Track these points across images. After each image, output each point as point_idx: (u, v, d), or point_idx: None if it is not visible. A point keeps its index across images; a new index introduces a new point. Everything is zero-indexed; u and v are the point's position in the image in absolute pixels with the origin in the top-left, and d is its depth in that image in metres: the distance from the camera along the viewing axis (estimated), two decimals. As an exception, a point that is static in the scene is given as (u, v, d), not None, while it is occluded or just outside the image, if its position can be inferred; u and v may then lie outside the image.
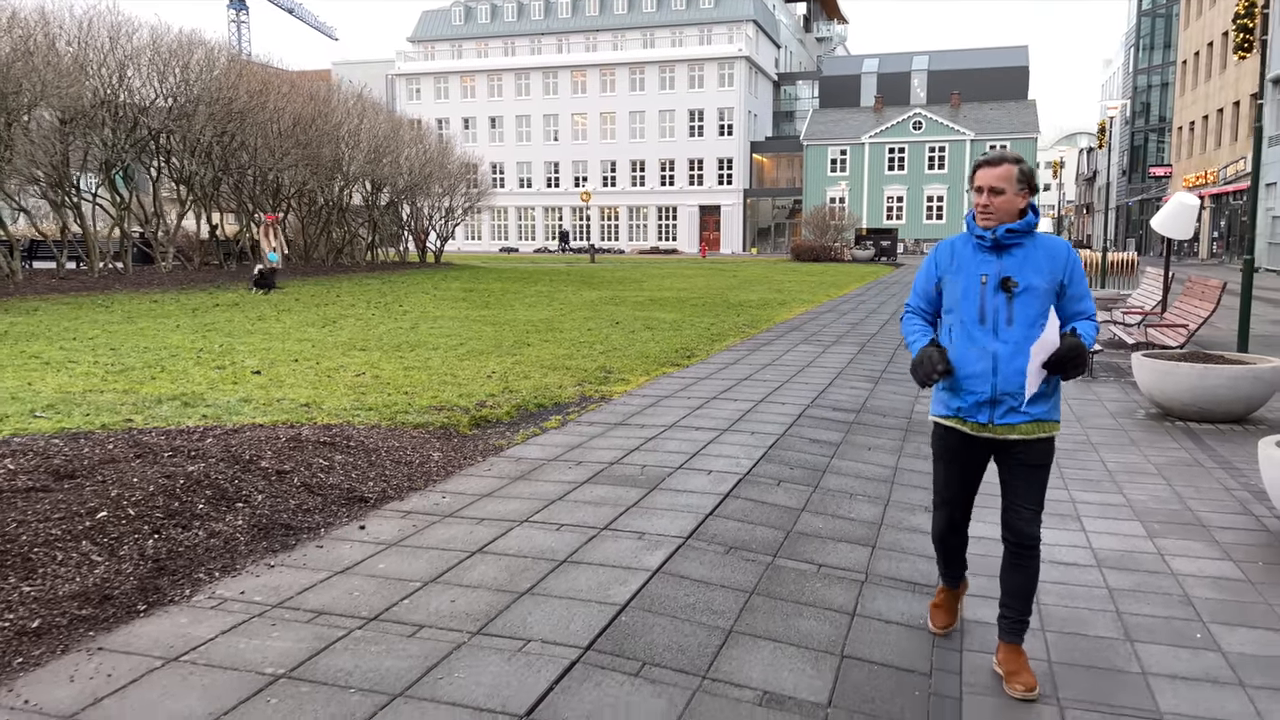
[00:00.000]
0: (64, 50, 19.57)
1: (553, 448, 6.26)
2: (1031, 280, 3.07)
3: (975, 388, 3.14)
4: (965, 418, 3.20)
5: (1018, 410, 3.12)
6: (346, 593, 3.69)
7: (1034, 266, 3.08)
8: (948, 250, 3.23)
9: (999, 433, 3.15)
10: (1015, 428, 3.13)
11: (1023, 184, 3.07)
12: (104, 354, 10.04)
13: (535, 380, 8.83)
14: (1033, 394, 3.11)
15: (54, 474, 4.56)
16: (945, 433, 3.31)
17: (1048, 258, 3.10)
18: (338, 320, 14.24)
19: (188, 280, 22.25)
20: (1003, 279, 3.08)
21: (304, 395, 7.56)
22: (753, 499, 5.17)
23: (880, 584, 4.12)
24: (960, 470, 3.31)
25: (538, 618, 3.47)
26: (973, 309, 3.12)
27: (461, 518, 4.70)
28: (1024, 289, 3.06)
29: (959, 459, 3.29)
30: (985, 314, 3.11)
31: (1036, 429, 3.14)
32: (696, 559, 4.18)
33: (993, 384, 3.11)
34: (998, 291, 3.09)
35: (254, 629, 3.34)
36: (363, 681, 2.96)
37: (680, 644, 3.34)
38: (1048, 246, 3.12)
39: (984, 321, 3.11)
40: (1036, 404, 3.13)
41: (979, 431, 3.18)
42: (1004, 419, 3.13)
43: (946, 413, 3.26)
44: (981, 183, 3.09)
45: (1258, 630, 3.71)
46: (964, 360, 3.15)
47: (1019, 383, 3.09)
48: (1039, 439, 3.15)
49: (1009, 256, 3.10)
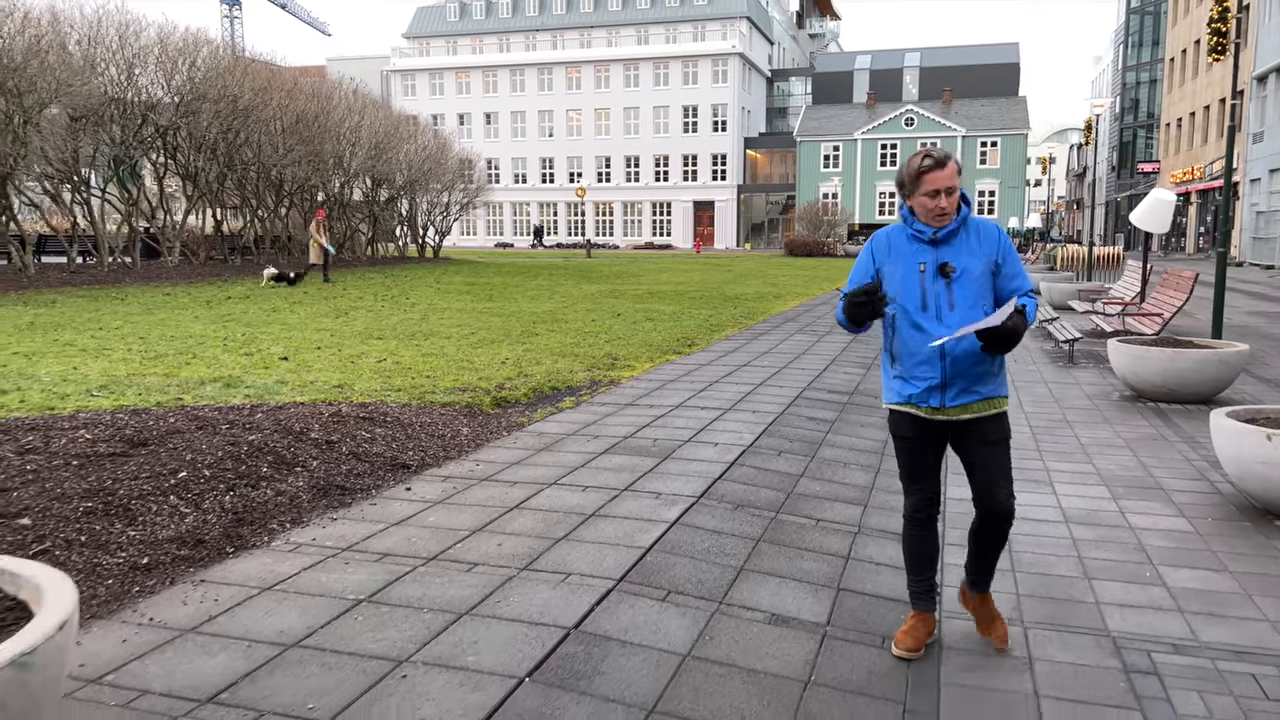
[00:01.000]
0: (74, 49, 19.98)
1: (570, 424, 6.79)
2: (967, 264, 3.14)
3: (925, 374, 3.19)
4: (918, 403, 3.24)
5: (967, 390, 3.19)
6: (405, 539, 4.21)
7: (968, 250, 3.15)
8: (884, 241, 3.28)
9: (952, 414, 3.21)
10: (967, 407, 3.20)
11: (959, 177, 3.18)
12: (134, 342, 10.53)
13: (547, 366, 9.35)
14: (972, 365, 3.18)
15: (128, 442, 5.07)
16: (900, 419, 3.35)
17: (980, 240, 3.17)
18: (349, 312, 14.74)
19: (194, 274, 22.69)
20: (940, 264, 3.14)
21: (334, 378, 8.08)
22: (756, 467, 5.70)
23: (871, 535, 4.66)
24: (921, 453, 3.35)
25: (575, 557, 4.00)
26: (914, 297, 3.16)
27: (496, 481, 5.22)
28: (961, 273, 3.13)
29: (918, 442, 3.33)
30: (927, 301, 3.15)
31: (987, 405, 3.21)
32: (708, 514, 4.71)
33: (942, 368, 3.17)
34: (937, 278, 3.14)
35: (330, 567, 3.86)
36: (432, 604, 3.49)
37: (699, 578, 3.88)
38: (979, 230, 3.19)
39: (926, 308, 3.15)
40: (984, 382, 3.21)
41: (932, 415, 3.23)
42: (955, 400, 3.19)
43: (899, 400, 3.30)
44: (938, 185, 3.10)
45: (1200, 570, 4.26)
46: (912, 348, 3.19)
47: (967, 362, 3.16)
48: (992, 415, 3.22)
49: (946, 245, 3.17)
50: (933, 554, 3.47)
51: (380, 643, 3.17)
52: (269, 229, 27.84)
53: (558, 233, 70.46)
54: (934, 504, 3.43)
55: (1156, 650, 3.44)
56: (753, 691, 3.01)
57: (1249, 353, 8.42)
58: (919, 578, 3.47)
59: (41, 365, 8.62)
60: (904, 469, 3.43)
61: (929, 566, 3.47)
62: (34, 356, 9.26)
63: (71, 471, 4.51)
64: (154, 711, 2.71)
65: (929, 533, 3.44)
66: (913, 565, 3.47)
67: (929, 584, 3.47)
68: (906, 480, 3.43)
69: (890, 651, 3.39)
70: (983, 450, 3.22)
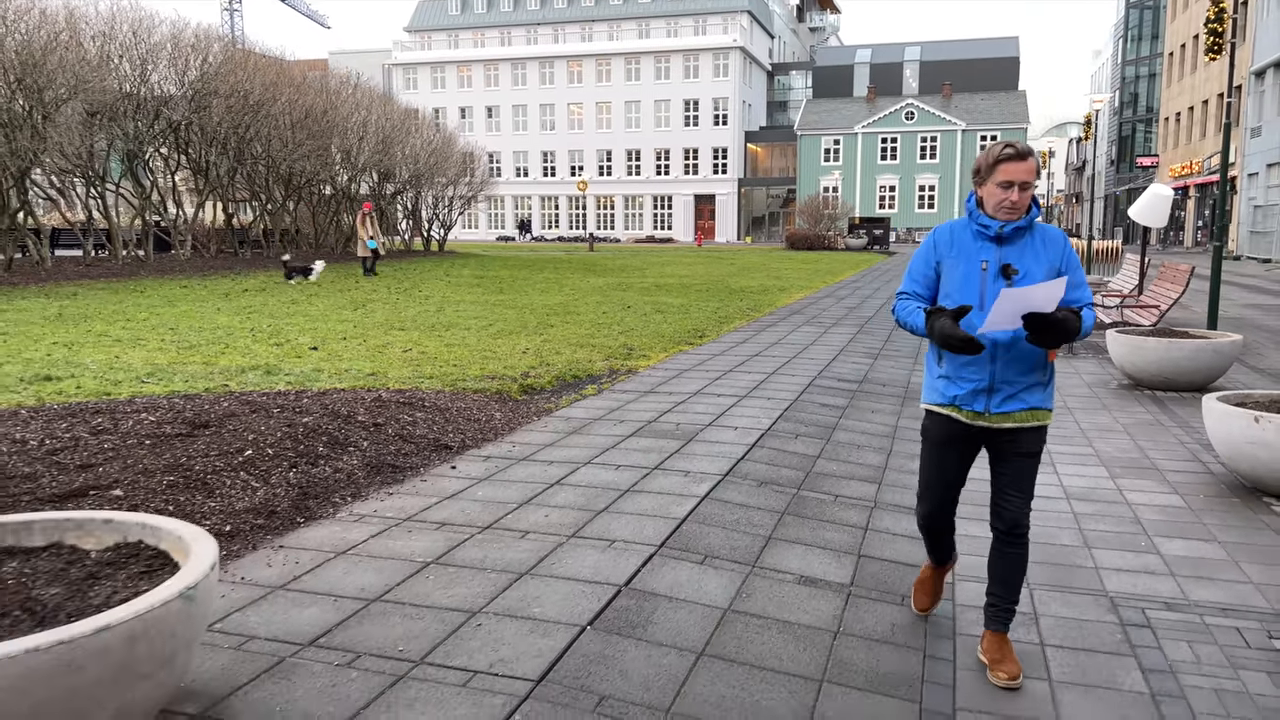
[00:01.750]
0: (88, 45, 20.28)
1: (596, 410, 7.14)
2: (1031, 268, 3.05)
3: (973, 375, 3.11)
4: (961, 406, 3.15)
5: (1014, 397, 3.10)
6: (459, 511, 4.57)
7: (1033, 254, 3.06)
8: (947, 234, 3.19)
9: (994, 421, 3.12)
10: (1010, 415, 3.11)
11: (1037, 177, 3.05)
12: (165, 333, 10.88)
13: (566, 356, 9.70)
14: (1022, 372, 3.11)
15: (190, 424, 5.43)
16: (938, 421, 3.27)
17: (1046, 246, 3.08)
18: (366, 304, 15.08)
19: (207, 267, 23.01)
20: (1003, 265, 3.05)
21: (366, 366, 8.43)
22: (775, 448, 6.06)
23: (886, 509, 5.02)
24: (952, 459, 3.28)
25: (617, 526, 4.36)
26: (972, 296, 3.08)
27: (534, 461, 5.58)
28: (1024, 276, 3.04)
29: (952, 448, 3.26)
30: (985, 301, 3.06)
31: (1031, 417, 3.12)
32: (735, 490, 5.07)
33: (991, 371, 3.09)
34: (998, 278, 3.06)
35: (395, 534, 4.22)
36: (494, 565, 3.85)
37: (732, 545, 4.24)
38: (1045, 235, 3.11)
39: (984, 308, 3.06)
40: (1033, 392, 3.12)
41: (974, 420, 3.14)
42: (1000, 407, 3.10)
43: (942, 401, 3.22)
44: (1014, 177, 2.99)
45: (1191, 540, 4.62)
46: None
47: (1016, 370, 3.09)
48: (1033, 427, 3.14)
49: (1009, 245, 3.08)
50: (949, 532, 3.53)
51: (453, 597, 3.52)
52: (278, 223, 28.14)
53: (559, 226, 70.77)
54: (948, 514, 3.41)
55: (1150, 608, 3.80)
56: (788, 639, 3.37)
57: (1242, 343, 8.77)
58: (937, 549, 3.58)
59: (84, 354, 8.97)
60: (927, 473, 3.35)
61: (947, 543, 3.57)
62: (73, 346, 9.60)
63: (146, 450, 4.87)
64: (263, 653, 3.07)
65: (947, 526, 3.47)
66: (932, 547, 3.58)
67: (948, 549, 3.58)
68: (926, 485, 3.36)
69: (911, 608, 3.68)
70: (1015, 462, 3.16)
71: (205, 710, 2.71)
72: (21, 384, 7.10)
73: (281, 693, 2.82)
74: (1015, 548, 3.21)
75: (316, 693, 2.82)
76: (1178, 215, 48.07)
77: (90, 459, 4.65)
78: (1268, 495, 5.38)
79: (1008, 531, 3.19)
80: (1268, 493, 5.38)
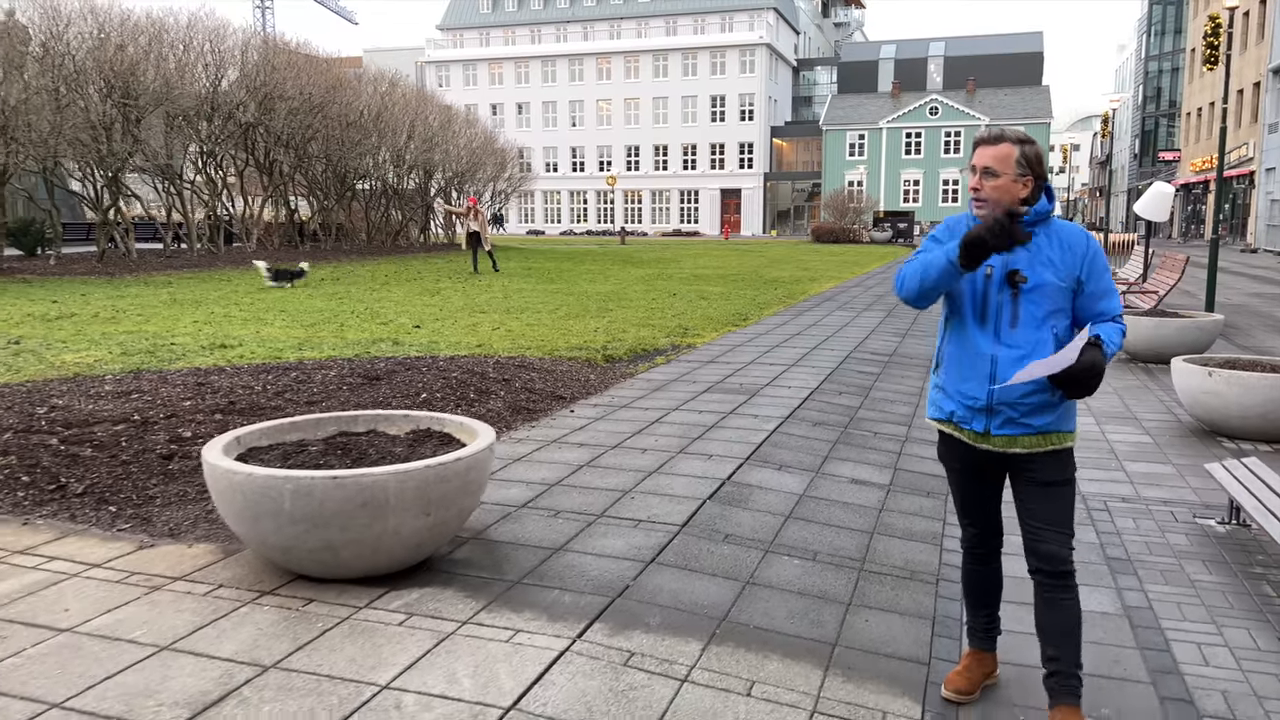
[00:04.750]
0: (168, 55, 21.94)
1: (670, 374, 8.59)
2: (1043, 276, 2.66)
3: (970, 392, 2.78)
4: (960, 424, 2.83)
5: (1016, 422, 2.73)
6: (590, 436, 6.03)
7: (1046, 259, 2.68)
8: (951, 228, 2.86)
9: (997, 445, 2.77)
10: (1015, 440, 2.75)
11: (1024, 168, 2.66)
12: (278, 314, 12.44)
13: (633, 334, 11.15)
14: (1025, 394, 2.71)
15: (365, 377, 6.92)
16: (945, 439, 2.96)
17: (1063, 250, 2.69)
18: (439, 292, 16.61)
19: (273, 259, 24.66)
20: (1009, 272, 2.69)
21: (471, 340, 9.92)
22: (824, 401, 7.49)
23: (915, 441, 6.44)
24: (968, 482, 2.94)
25: (711, 447, 5.81)
26: (975, 304, 2.75)
27: (633, 407, 7.04)
28: (1033, 286, 2.67)
29: (965, 469, 2.93)
30: (987, 311, 2.73)
31: (1042, 442, 2.74)
32: (795, 428, 6.50)
33: (989, 391, 2.74)
34: (1003, 287, 2.70)
35: (550, 450, 5.69)
36: (630, 467, 5.31)
37: (799, 459, 5.67)
38: (1064, 236, 2.71)
39: (985, 321, 2.73)
40: (1041, 413, 2.72)
41: (977, 441, 2.81)
42: (1002, 430, 2.75)
43: (940, 416, 2.91)
44: (976, 161, 2.71)
45: (1151, 464, 6.01)
46: (958, 363, 2.81)
47: (1018, 392, 2.71)
48: (1048, 452, 2.75)
49: (1019, 248, 2.69)
50: (993, 589, 3.07)
51: (608, 483, 4.99)
52: (334, 218, 29.79)
53: (588, 220, 72.26)
54: (992, 539, 3.03)
55: (1110, 500, 5.21)
56: (847, 512, 4.80)
57: (1223, 322, 10.09)
58: (976, 614, 3.09)
59: (229, 329, 10.52)
60: (956, 497, 3.03)
61: (989, 602, 3.07)
62: (212, 324, 11.17)
63: (346, 392, 6.37)
64: (494, 511, 4.53)
65: (988, 567, 3.05)
66: (970, 599, 3.10)
67: (988, 621, 3.09)
68: (959, 512, 3.05)
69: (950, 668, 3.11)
70: (1035, 491, 2.76)
71: (475, 535, 4.18)
72: (204, 350, 8.65)
73: (516, 529, 4.29)
74: (1062, 592, 2.73)
75: (539, 529, 4.28)
76: (1198, 209, 48.88)
77: (312, 397, 6.15)
78: (1219, 434, 6.75)
79: (1048, 571, 2.74)
80: (1219, 433, 6.75)
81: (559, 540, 4.14)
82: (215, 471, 3.49)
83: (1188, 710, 3.00)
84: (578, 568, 3.83)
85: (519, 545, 4.07)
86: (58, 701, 2.75)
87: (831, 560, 4.12)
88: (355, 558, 3.47)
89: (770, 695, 2.94)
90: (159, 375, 7.03)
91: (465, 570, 3.78)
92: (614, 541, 4.14)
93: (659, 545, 4.11)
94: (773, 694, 2.95)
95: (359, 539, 3.42)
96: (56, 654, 3.04)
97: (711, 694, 2.92)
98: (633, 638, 3.25)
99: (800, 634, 3.38)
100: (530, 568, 3.81)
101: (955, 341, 2.82)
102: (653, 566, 3.87)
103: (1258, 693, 3.11)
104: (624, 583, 3.69)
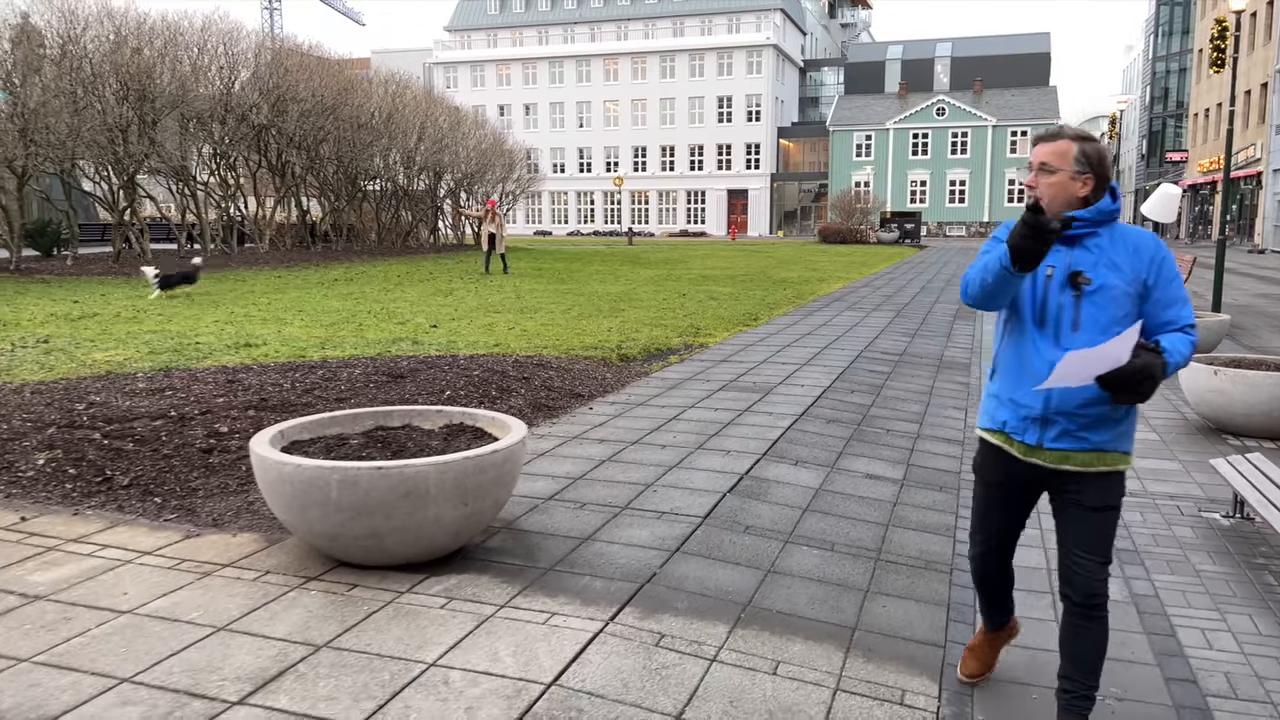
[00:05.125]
0: (183, 57, 22.18)
1: (684, 373, 8.76)
2: (1107, 278, 2.55)
3: (1026, 400, 2.65)
4: (1012, 435, 2.71)
5: (1073, 435, 2.60)
6: (610, 433, 6.20)
7: (1111, 262, 2.56)
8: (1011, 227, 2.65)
9: (1049, 460, 2.65)
10: (1070, 456, 2.62)
11: (1083, 166, 2.57)
12: (295, 314, 12.63)
13: (645, 333, 11.32)
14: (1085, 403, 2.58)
15: (389, 375, 7.10)
16: (988, 451, 2.82)
17: (1129, 253, 2.58)
18: (452, 292, 16.81)
19: (286, 259, 24.89)
20: (1072, 273, 2.58)
21: (488, 339, 10.10)
22: (836, 399, 7.65)
23: (927, 439, 6.60)
24: (1002, 499, 2.84)
25: (729, 444, 5.98)
26: (1032, 306, 2.63)
27: (650, 405, 7.20)
28: (1097, 288, 2.55)
29: (1003, 485, 2.81)
30: (1047, 315, 2.61)
31: (1096, 460, 2.61)
32: (809, 425, 6.67)
33: (1044, 399, 2.61)
34: (1064, 288, 2.59)
35: (572, 445, 5.86)
36: (650, 462, 5.47)
37: (814, 455, 5.84)
38: (1132, 239, 2.60)
39: (1044, 324, 2.61)
40: (1100, 428, 2.59)
41: (1027, 455, 2.68)
42: (1056, 443, 2.62)
43: (992, 426, 2.78)
44: (1032, 158, 2.63)
45: (1158, 460, 6.16)
46: (1015, 370, 2.68)
47: (1078, 400, 2.58)
48: (1100, 473, 2.62)
49: (1082, 249, 2.59)
50: (1006, 583, 3.04)
51: (630, 477, 5.16)
52: (345, 218, 30.03)
53: (594, 221, 72.46)
54: (1001, 562, 2.97)
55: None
56: (862, 505, 4.97)
57: (1229, 322, 10.23)
58: (990, 602, 3.09)
59: (250, 329, 10.72)
60: (978, 513, 2.93)
61: (1001, 591, 3.06)
62: (233, 323, 11.37)
63: (373, 388, 6.55)
64: (522, 503, 4.70)
65: (1001, 568, 3.00)
66: (982, 591, 3.08)
67: (1002, 605, 3.09)
68: (978, 525, 2.94)
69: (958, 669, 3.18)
70: (1078, 515, 2.65)
71: (506, 525, 4.36)
72: (229, 349, 8.85)
73: (545, 520, 4.46)
74: (1092, 623, 2.66)
75: (567, 520, 4.45)
76: (1205, 210, 48.87)
77: (340, 394, 6.34)
78: (1225, 432, 6.90)
79: (1081, 603, 2.65)
80: (1225, 430, 6.90)
81: (586, 530, 4.31)
82: (265, 463, 3.67)
83: (1191, 690, 3.16)
84: (606, 556, 4.00)
85: (548, 535, 4.24)
86: (127, 676, 2.93)
87: (849, 550, 4.28)
88: (399, 545, 3.64)
89: (795, 674, 3.11)
90: (189, 373, 7.22)
91: (499, 558, 3.95)
92: (639, 532, 4.31)
93: (683, 535, 4.27)
94: (797, 673, 3.12)
95: (402, 526, 3.59)
96: (120, 633, 3.22)
97: (739, 673, 3.09)
98: (662, 621, 3.42)
99: (821, 618, 3.55)
100: (561, 556, 3.98)
101: (1013, 346, 2.71)
102: (678, 555, 4.04)
103: (1258, 674, 3.27)
104: (651, 570, 3.86)
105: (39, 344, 9.26)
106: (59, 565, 3.81)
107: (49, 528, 4.22)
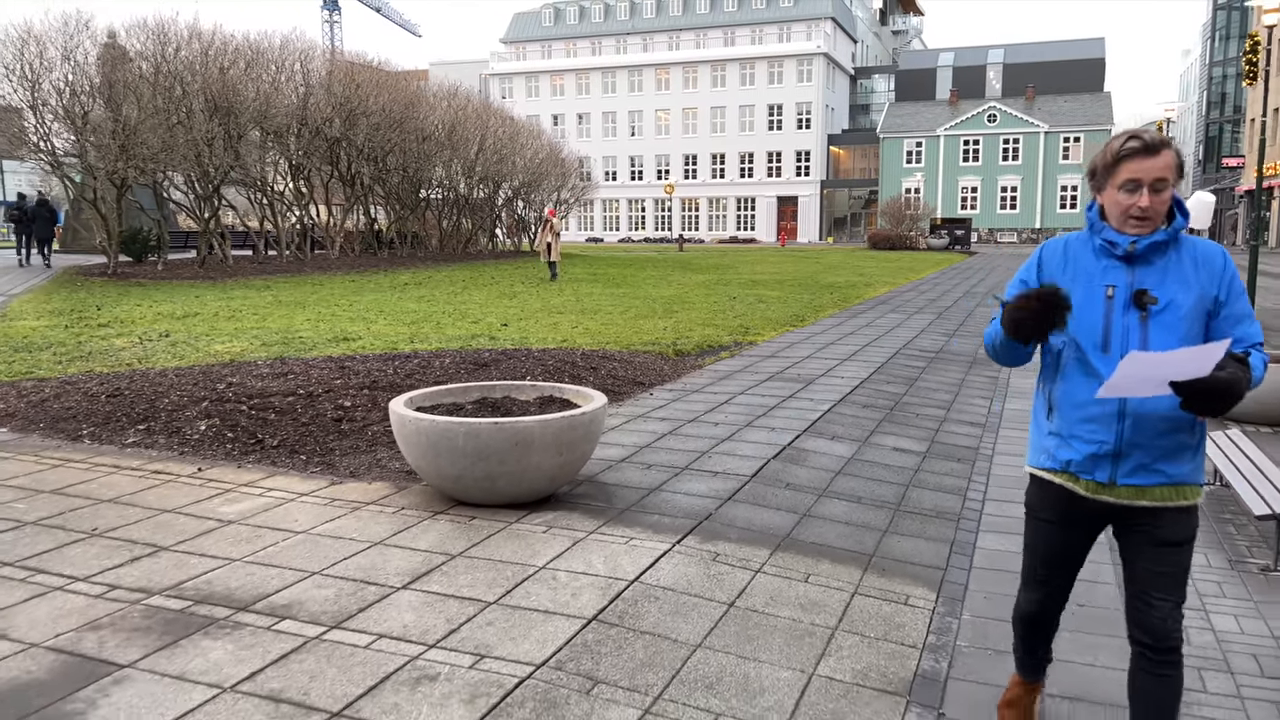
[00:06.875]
0: (263, 75, 23.66)
1: (734, 366, 9.64)
2: (1175, 295, 2.35)
3: (1093, 436, 2.42)
4: (1078, 474, 2.47)
5: (1149, 469, 2.39)
6: (670, 413, 7.12)
7: (1179, 278, 2.37)
8: (1059, 252, 2.53)
9: (1122, 497, 2.43)
10: (1145, 491, 2.41)
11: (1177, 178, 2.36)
12: (377, 313, 13.77)
13: (699, 332, 12.22)
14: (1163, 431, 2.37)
15: (475, 364, 8.10)
16: (1045, 490, 2.59)
17: (1197, 267, 2.38)
18: (515, 295, 17.88)
19: (356, 265, 26.25)
20: (1137, 292, 2.37)
21: (555, 336, 11.09)
22: (873, 389, 8.47)
23: (952, 422, 7.40)
24: (1063, 542, 2.61)
25: (774, 422, 6.85)
26: (1094, 331, 2.41)
27: (704, 392, 8.10)
28: (1164, 306, 2.35)
29: (1063, 527, 2.59)
30: (1111, 338, 2.39)
31: (1175, 494, 2.41)
32: (847, 409, 7.51)
33: (1118, 432, 2.39)
34: (1129, 309, 2.38)
35: (637, 422, 6.78)
36: (704, 435, 6.37)
37: (849, 433, 6.69)
38: (1197, 252, 2.40)
39: (1108, 348, 2.39)
40: (1178, 460, 2.40)
41: (1096, 494, 2.46)
42: (1130, 478, 2.40)
43: (1052, 465, 2.54)
44: (1140, 175, 2.32)
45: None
46: (1079, 403, 2.45)
47: (1156, 425, 2.36)
48: (1176, 508, 2.42)
49: (1145, 265, 2.39)
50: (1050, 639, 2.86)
51: (687, 446, 6.06)
52: (409, 226, 31.41)
53: (645, 228, 73.57)
54: (1057, 607, 2.74)
55: (1115, 467, 6.14)
56: (888, 470, 5.81)
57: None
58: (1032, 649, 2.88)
59: (340, 326, 11.85)
60: (1032, 557, 2.71)
61: (1044, 656, 2.88)
62: (324, 321, 12.52)
63: (465, 374, 7.54)
64: (597, 463, 5.63)
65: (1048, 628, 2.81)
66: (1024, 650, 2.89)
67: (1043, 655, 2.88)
68: (1032, 571, 2.72)
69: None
70: (1152, 552, 2.44)
71: (587, 479, 5.29)
72: (330, 343, 9.96)
73: (619, 476, 5.38)
74: (1167, 669, 2.43)
75: (637, 476, 5.37)
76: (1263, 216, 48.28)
77: (438, 379, 7.34)
78: (1227, 418, 7.59)
79: (1154, 646, 2.43)
80: (1227, 416, 7.59)
81: (654, 484, 5.23)
82: (404, 419, 4.64)
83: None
84: (671, 501, 4.91)
85: (623, 486, 5.16)
86: (316, 570, 3.91)
87: (873, 503, 5.14)
88: (508, 486, 4.59)
89: (822, 582, 3.99)
90: (304, 362, 8.30)
91: (585, 501, 4.89)
92: (697, 485, 5.21)
93: (733, 489, 5.17)
94: (824, 582, 4.00)
95: (511, 471, 4.54)
96: (301, 545, 4.21)
97: (778, 580, 3.98)
98: (718, 545, 4.32)
99: (846, 548, 4.42)
100: (634, 501, 4.91)
101: (1071, 379, 2.47)
102: (729, 502, 4.94)
103: (1200, 594, 4.07)
104: (708, 512, 4.77)
105: (162, 338, 10.46)
106: (239, 501, 4.83)
107: (222, 476, 5.26)
